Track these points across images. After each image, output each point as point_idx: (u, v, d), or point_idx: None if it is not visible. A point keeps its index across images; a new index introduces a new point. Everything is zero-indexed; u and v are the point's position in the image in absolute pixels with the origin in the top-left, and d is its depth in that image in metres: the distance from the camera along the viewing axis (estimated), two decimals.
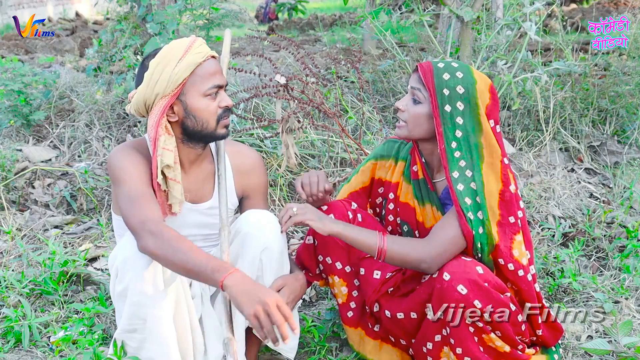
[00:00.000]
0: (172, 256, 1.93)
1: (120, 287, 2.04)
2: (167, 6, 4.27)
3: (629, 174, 3.84)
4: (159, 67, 2.08)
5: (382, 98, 4.61)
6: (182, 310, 2.09)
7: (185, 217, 2.23)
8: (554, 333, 2.28)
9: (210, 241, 2.30)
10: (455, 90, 2.05)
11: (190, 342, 2.13)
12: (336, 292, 2.31)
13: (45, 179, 3.80)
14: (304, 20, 10.96)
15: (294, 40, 3.41)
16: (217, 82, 2.11)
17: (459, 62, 2.15)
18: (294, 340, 2.19)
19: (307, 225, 2.11)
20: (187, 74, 2.08)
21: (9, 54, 7.37)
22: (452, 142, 2.06)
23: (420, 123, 2.11)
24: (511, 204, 2.09)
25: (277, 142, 3.66)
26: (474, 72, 2.10)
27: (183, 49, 2.09)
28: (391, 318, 2.20)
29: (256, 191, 2.34)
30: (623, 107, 4.26)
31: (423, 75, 2.08)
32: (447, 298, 1.99)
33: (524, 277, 2.12)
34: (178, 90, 2.09)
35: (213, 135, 2.16)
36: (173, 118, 2.13)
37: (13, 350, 2.46)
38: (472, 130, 2.06)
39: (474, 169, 2.06)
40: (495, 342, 2.06)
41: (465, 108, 2.06)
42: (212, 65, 2.13)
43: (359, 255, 2.25)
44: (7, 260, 3.06)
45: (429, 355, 2.16)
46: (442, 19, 4.69)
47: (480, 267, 2.01)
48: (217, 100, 2.13)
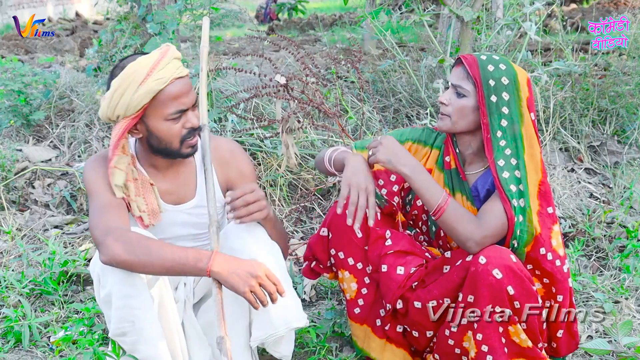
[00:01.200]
0: (147, 257, 1.89)
1: (103, 293, 2.02)
2: (167, 6, 4.26)
3: (629, 174, 3.84)
4: (119, 90, 2.02)
5: (382, 98, 4.61)
6: (168, 311, 2.08)
7: (170, 218, 2.21)
8: (570, 345, 2.27)
9: (201, 240, 2.29)
10: (501, 81, 2.10)
11: (177, 343, 2.11)
12: (345, 287, 2.30)
13: (45, 179, 3.80)
14: (304, 20, 10.96)
15: (294, 40, 3.42)
16: (179, 107, 2.05)
17: (498, 54, 2.19)
18: (290, 344, 2.18)
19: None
20: (147, 101, 2.02)
21: (9, 54, 7.37)
22: (497, 131, 2.10)
23: (465, 115, 2.14)
24: (548, 195, 2.15)
25: (277, 142, 3.66)
26: (513, 65, 2.15)
27: (145, 71, 2.01)
28: (422, 308, 2.18)
29: (240, 179, 2.26)
30: (623, 107, 4.26)
31: (469, 67, 2.11)
32: (481, 281, 2.00)
33: (561, 267, 2.15)
34: (140, 113, 2.04)
35: (178, 154, 2.13)
36: (137, 135, 2.11)
37: (13, 350, 2.46)
38: (517, 120, 2.11)
39: (518, 158, 2.10)
40: (520, 334, 2.07)
41: (510, 98, 2.10)
42: (176, 88, 2.05)
43: (379, 253, 2.24)
44: (7, 260, 3.06)
45: (452, 338, 2.15)
46: (442, 19, 4.69)
47: (513, 255, 2.04)
48: (182, 121, 2.08)
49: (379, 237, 2.23)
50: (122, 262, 1.90)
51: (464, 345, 2.14)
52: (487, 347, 2.06)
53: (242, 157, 2.30)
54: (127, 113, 2.03)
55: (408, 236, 2.28)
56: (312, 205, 3.52)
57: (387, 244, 2.23)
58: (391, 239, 2.23)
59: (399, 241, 2.23)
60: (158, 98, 2.03)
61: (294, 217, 3.45)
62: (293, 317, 2.09)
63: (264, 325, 2.07)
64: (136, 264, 1.90)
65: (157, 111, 2.05)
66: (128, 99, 2.01)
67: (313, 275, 2.39)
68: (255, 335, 2.09)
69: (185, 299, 2.19)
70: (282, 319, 2.06)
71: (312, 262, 2.36)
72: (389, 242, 2.23)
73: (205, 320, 2.19)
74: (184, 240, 2.25)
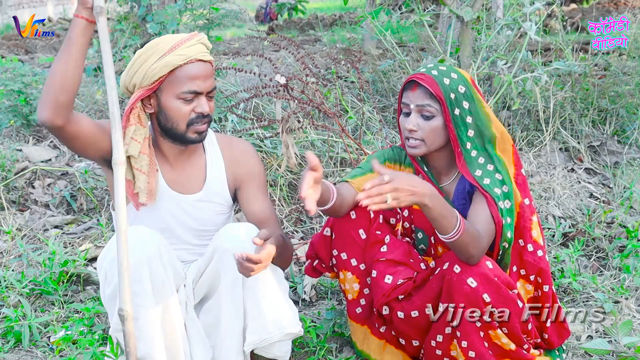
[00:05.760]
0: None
1: (109, 290, 2.04)
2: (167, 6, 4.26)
3: (629, 174, 3.84)
4: (140, 59, 2.08)
5: (382, 98, 4.61)
6: (171, 312, 2.08)
7: (173, 207, 2.22)
8: (561, 333, 2.28)
9: (203, 239, 2.29)
10: (458, 92, 2.07)
11: (180, 345, 2.11)
12: (347, 288, 2.29)
13: (45, 179, 3.80)
14: (304, 20, 10.95)
15: (294, 40, 3.41)
16: (193, 87, 2.08)
17: (438, 63, 2.17)
18: (284, 345, 2.18)
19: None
20: (164, 73, 2.06)
21: (9, 54, 7.37)
22: (466, 143, 2.09)
23: (438, 135, 2.10)
24: (525, 186, 2.14)
25: (277, 142, 3.66)
26: (459, 70, 2.14)
27: (169, 46, 2.06)
28: (404, 318, 2.18)
29: (249, 180, 2.27)
30: (623, 107, 4.26)
31: (430, 86, 2.06)
32: (456, 290, 2.00)
33: (543, 257, 2.16)
34: (155, 85, 2.08)
35: (183, 138, 2.14)
36: (150, 110, 2.14)
37: (13, 350, 2.46)
38: (483, 124, 2.10)
39: (494, 162, 2.09)
40: (501, 338, 2.07)
41: (470, 105, 2.09)
42: (195, 69, 2.08)
43: (373, 257, 2.23)
44: (7, 260, 3.06)
45: (439, 349, 2.16)
46: (442, 19, 4.69)
47: (490, 262, 2.02)
48: (193, 104, 2.10)
49: (378, 241, 2.23)
50: (46, 119, 1.96)
51: (451, 354, 2.14)
52: (474, 352, 2.07)
53: (253, 159, 2.31)
54: (143, 83, 2.07)
55: (406, 245, 2.26)
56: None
57: (382, 250, 2.22)
58: (387, 246, 2.22)
59: (395, 250, 2.21)
60: (175, 73, 2.07)
61: (294, 217, 3.45)
62: (287, 323, 2.09)
63: (259, 329, 2.07)
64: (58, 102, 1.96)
65: (172, 87, 2.08)
66: (146, 68, 2.06)
67: (315, 274, 2.39)
68: (249, 340, 2.09)
69: (186, 301, 2.19)
70: (276, 324, 2.07)
71: (314, 261, 2.36)
72: (385, 248, 2.22)
73: (207, 321, 2.18)
74: (186, 234, 2.26)
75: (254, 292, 2.08)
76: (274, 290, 2.11)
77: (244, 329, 2.11)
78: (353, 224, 2.22)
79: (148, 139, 2.15)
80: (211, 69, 2.14)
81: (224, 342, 2.12)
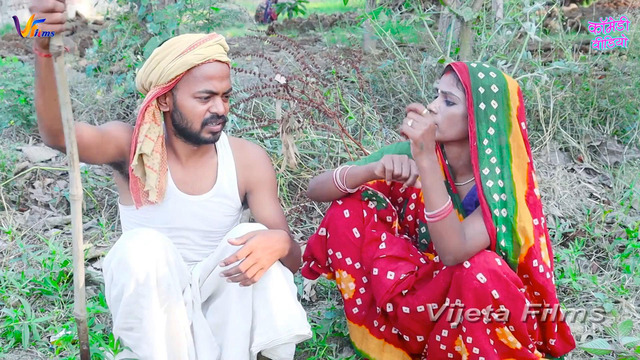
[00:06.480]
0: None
1: (115, 291, 2.03)
2: (167, 6, 4.27)
3: (629, 174, 3.84)
4: (157, 57, 2.09)
5: (382, 98, 4.61)
6: (176, 315, 2.08)
7: (180, 208, 2.22)
8: (565, 345, 2.27)
9: (211, 240, 2.29)
10: (490, 89, 2.08)
11: (184, 347, 2.10)
12: (343, 287, 2.30)
13: (45, 179, 3.80)
14: (304, 20, 10.95)
15: (294, 40, 3.41)
16: (209, 87, 2.09)
17: (488, 63, 2.16)
18: (289, 347, 2.18)
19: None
20: (180, 72, 2.07)
21: (9, 54, 7.37)
22: (484, 139, 2.08)
23: (454, 123, 2.11)
24: (536, 206, 2.11)
25: (277, 142, 3.66)
26: (504, 74, 2.14)
27: (187, 45, 2.08)
28: (410, 313, 2.18)
29: (261, 185, 2.29)
30: (623, 107, 4.26)
31: (459, 73, 2.09)
32: (465, 286, 2.00)
33: (550, 279, 2.14)
34: (171, 84, 2.09)
35: (197, 137, 2.15)
36: (165, 108, 2.15)
37: (13, 350, 2.46)
38: (504, 129, 2.09)
39: (503, 167, 2.08)
40: (508, 337, 2.07)
41: (498, 107, 2.08)
42: (212, 69, 2.10)
43: (371, 255, 2.23)
44: (7, 260, 3.06)
45: (443, 344, 2.16)
46: (442, 19, 4.69)
47: (499, 259, 2.02)
48: (208, 104, 2.11)
49: (374, 239, 2.23)
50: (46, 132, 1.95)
51: (456, 349, 2.15)
52: (479, 349, 2.06)
53: (265, 165, 2.32)
54: (160, 81, 2.08)
55: (404, 241, 2.27)
56: (312, 205, 3.52)
57: (381, 248, 2.22)
58: (385, 243, 2.22)
59: (393, 246, 2.22)
60: (192, 72, 2.08)
61: (294, 217, 3.45)
62: (297, 325, 2.09)
63: (268, 331, 2.07)
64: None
65: (188, 86, 2.09)
66: (163, 66, 2.06)
67: (312, 275, 2.39)
68: (257, 341, 2.09)
69: (192, 300, 2.19)
70: (286, 327, 2.06)
71: (310, 262, 2.36)
72: (383, 245, 2.22)
73: (214, 320, 2.18)
74: (194, 235, 2.26)
75: (264, 293, 2.08)
76: (284, 292, 2.10)
77: (252, 329, 2.11)
78: (346, 223, 2.23)
79: (162, 137, 2.15)
80: (228, 70, 2.16)
81: (231, 341, 2.12)
